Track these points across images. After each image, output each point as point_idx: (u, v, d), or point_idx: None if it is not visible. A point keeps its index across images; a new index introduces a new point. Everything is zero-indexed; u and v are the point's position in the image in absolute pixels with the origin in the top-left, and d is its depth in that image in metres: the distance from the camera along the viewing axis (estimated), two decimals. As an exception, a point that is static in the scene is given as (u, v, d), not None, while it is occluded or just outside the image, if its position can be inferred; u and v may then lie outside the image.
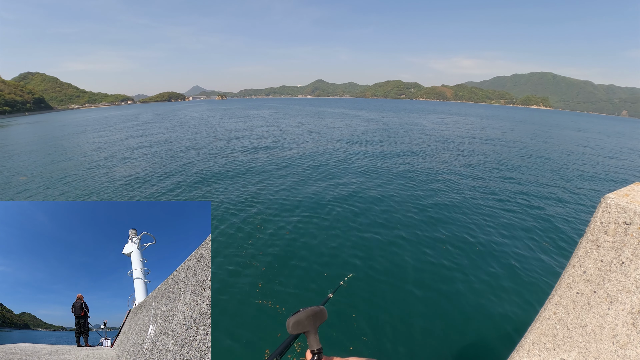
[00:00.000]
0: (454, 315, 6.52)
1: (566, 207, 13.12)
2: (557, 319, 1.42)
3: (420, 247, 9.17)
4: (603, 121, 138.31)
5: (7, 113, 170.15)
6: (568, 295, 1.37)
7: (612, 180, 18.81)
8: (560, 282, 1.41)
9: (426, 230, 10.26)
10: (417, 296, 7.06)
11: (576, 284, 1.34)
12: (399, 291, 7.22)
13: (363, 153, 24.13)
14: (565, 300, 1.39)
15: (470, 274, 7.89)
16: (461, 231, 10.25)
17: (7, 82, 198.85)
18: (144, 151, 26.27)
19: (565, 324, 1.39)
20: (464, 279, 7.69)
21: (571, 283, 1.36)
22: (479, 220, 11.09)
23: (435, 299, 6.98)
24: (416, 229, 10.32)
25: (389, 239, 9.63)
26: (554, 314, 1.43)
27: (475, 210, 12.10)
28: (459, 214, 11.67)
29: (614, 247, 1.21)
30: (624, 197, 1.23)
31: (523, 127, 56.56)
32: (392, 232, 10.01)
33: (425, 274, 7.84)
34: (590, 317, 1.30)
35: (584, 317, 1.32)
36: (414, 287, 7.34)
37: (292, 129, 41.56)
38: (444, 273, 7.92)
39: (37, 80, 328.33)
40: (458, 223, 10.88)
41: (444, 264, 8.31)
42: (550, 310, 1.45)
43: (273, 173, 17.73)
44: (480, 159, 23.08)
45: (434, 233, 10.04)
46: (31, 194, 15.64)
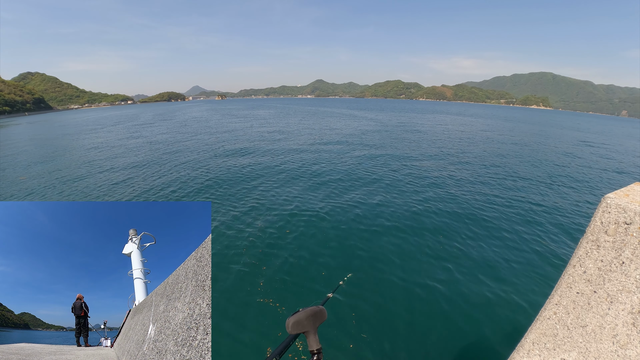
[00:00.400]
0: (454, 314, 6.52)
1: (566, 206, 13.12)
2: (558, 319, 1.42)
3: (421, 247, 9.17)
4: (603, 121, 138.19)
5: (7, 113, 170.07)
6: (568, 295, 1.37)
7: (612, 180, 18.82)
8: (561, 282, 1.41)
9: (426, 230, 10.27)
10: (417, 296, 7.06)
11: (576, 284, 1.34)
12: (399, 291, 7.22)
13: (364, 153, 24.12)
14: (565, 300, 1.38)
15: (472, 274, 7.89)
16: (462, 230, 10.25)
17: (7, 82, 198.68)
18: (143, 151, 26.25)
19: (565, 324, 1.39)
20: (465, 279, 7.69)
21: (571, 283, 1.36)
22: (481, 221, 11.10)
23: (435, 299, 6.98)
24: (417, 228, 10.32)
25: (389, 239, 9.62)
26: (554, 314, 1.43)
27: (478, 211, 12.09)
28: (460, 213, 11.68)
29: (614, 247, 1.21)
30: (624, 197, 1.23)
31: (523, 127, 56.58)
32: (392, 232, 10.01)
33: (426, 274, 7.85)
34: (591, 317, 1.30)
35: (584, 317, 1.32)
36: (414, 287, 7.34)
37: (291, 129, 41.55)
38: (445, 273, 7.92)
39: (37, 80, 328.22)
40: (459, 222, 10.88)
41: (446, 264, 8.32)
42: (551, 310, 1.45)
43: (273, 173, 17.73)
44: (480, 158, 23.07)
45: (434, 233, 10.05)
46: (30, 193, 15.65)
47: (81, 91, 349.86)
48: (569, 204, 13.60)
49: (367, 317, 6.34)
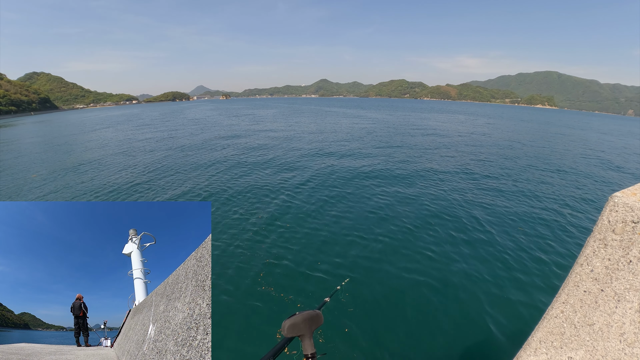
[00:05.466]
0: (459, 314, 6.48)
1: (575, 205, 13.03)
2: (565, 317, 1.42)
3: (421, 249, 9.11)
4: (610, 120, 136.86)
5: (13, 113, 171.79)
6: (575, 293, 1.37)
7: (621, 179, 18.70)
8: (568, 281, 1.42)
9: (426, 231, 10.22)
10: (421, 297, 7.01)
11: (583, 282, 1.34)
12: (400, 294, 7.16)
13: (366, 154, 24.12)
14: (572, 298, 1.39)
15: (476, 271, 7.86)
16: (464, 229, 10.20)
17: (13, 82, 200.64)
18: (147, 150, 26.36)
19: (572, 323, 1.39)
20: (469, 277, 7.65)
21: (578, 281, 1.36)
22: (484, 222, 11.02)
23: (440, 300, 6.93)
24: (417, 231, 10.25)
25: (389, 241, 9.56)
26: (562, 312, 1.43)
27: (482, 212, 12.04)
28: (462, 213, 11.63)
29: (622, 245, 1.21)
30: (631, 195, 1.23)
31: (532, 128, 56.31)
32: (392, 235, 9.92)
33: (428, 274, 7.79)
34: (598, 315, 1.30)
35: (591, 316, 1.33)
36: (415, 289, 7.28)
37: (295, 128, 41.63)
38: (448, 273, 7.88)
39: (42, 80, 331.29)
40: (459, 223, 10.83)
41: (449, 267, 8.27)
42: (558, 309, 1.45)
43: (275, 173, 17.77)
44: (487, 159, 23.01)
45: (435, 235, 9.99)
46: (42, 190, 15.96)
47: (86, 91, 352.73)
48: (578, 201, 13.50)
49: (364, 322, 6.26)
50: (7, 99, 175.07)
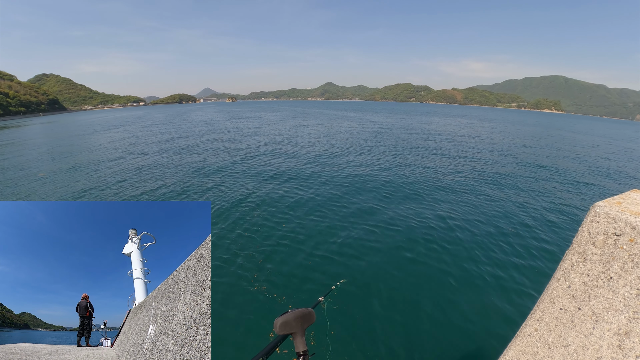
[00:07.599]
0: (455, 318, 6.43)
1: (569, 215, 12.87)
2: (538, 336, 1.33)
3: (420, 252, 9.04)
4: (618, 126, 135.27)
5: (23, 114, 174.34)
6: (551, 311, 1.28)
7: (614, 187, 18.49)
8: (544, 297, 1.33)
9: (426, 234, 10.15)
10: (410, 306, 6.87)
11: (560, 299, 1.25)
12: (392, 298, 7.07)
13: (367, 154, 24.18)
14: (547, 316, 1.30)
15: (474, 275, 7.79)
16: (459, 236, 10.16)
17: (22, 84, 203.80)
18: (152, 151, 26.65)
19: (546, 342, 1.30)
20: (465, 281, 7.59)
21: (555, 298, 1.27)
22: (487, 234, 10.83)
23: (435, 303, 6.90)
24: (417, 234, 10.15)
25: (388, 243, 9.49)
26: (535, 330, 1.34)
27: (484, 222, 11.97)
28: (463, 216, 11.62)
29: (602, 260, 1.12)
30: (615, 205, 1.14)
31: (538, 132, 55.95)
32: (392, 238, 9.83)
33: (420, 285, 7.61)
34: (574, 336, 1.21)
35: (566, 336, 1.23)
36: (408, 295, 7.19)
37: (298, 131, 41.82)
38: (446, 277, 7.83)
39: (51, 81, 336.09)
40: (460, 226, 10.77)
41: (447, 270, 8.21)
42: (532, 327, 1.36)
43: (276, 174, 17.80)
44: (492, 167, 22.95)
45: (434, 238, 9.90)
46: (50, 188, 16.27)
47: (94, 92, 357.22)
48: (575, 210, 13.36)
49: (357, 323, 6.24)
50: (17, 100, 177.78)
